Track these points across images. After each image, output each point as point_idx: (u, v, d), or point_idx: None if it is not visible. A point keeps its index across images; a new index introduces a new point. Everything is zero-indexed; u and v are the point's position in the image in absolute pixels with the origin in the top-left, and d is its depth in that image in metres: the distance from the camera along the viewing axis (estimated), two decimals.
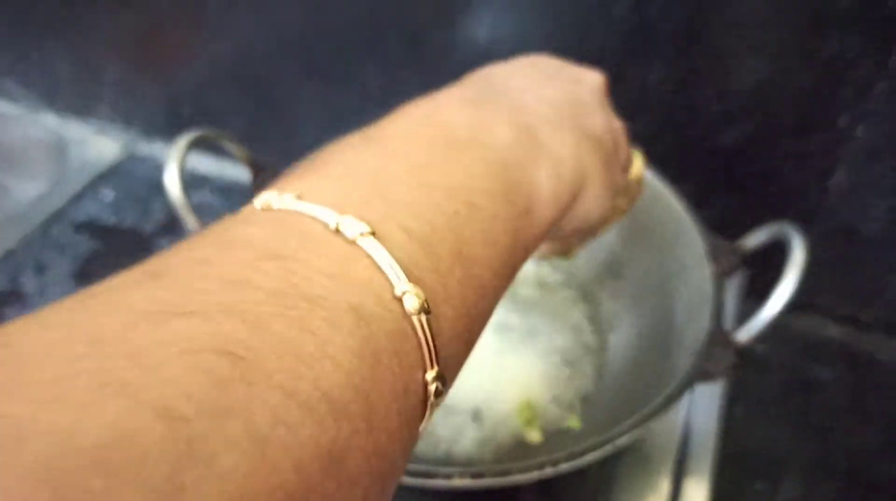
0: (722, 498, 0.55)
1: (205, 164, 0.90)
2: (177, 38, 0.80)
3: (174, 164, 0.48)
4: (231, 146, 0.54)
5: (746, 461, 0.63)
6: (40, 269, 0.78)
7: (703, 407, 0.58)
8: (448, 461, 0.45)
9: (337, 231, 0.20)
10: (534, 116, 0.29)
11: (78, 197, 0.87)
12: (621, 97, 0.66)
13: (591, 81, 0.35)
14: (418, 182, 0.23)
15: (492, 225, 0.24)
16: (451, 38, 0.68)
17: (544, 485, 0.43)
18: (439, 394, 0.21)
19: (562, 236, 0.33)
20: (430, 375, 0.20)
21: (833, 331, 0.73)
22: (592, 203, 0.31)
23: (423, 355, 0.20)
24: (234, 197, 0.87)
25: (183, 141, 0.50)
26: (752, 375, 0.70)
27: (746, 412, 0.66)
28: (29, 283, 0.77)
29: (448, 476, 0.35)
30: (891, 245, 0.65)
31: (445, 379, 0.21)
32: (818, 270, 0.73)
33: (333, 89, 0.77)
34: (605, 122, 0.33)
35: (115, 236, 0.83)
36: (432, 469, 0.35)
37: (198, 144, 0.49)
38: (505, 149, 0.27)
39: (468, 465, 0.45)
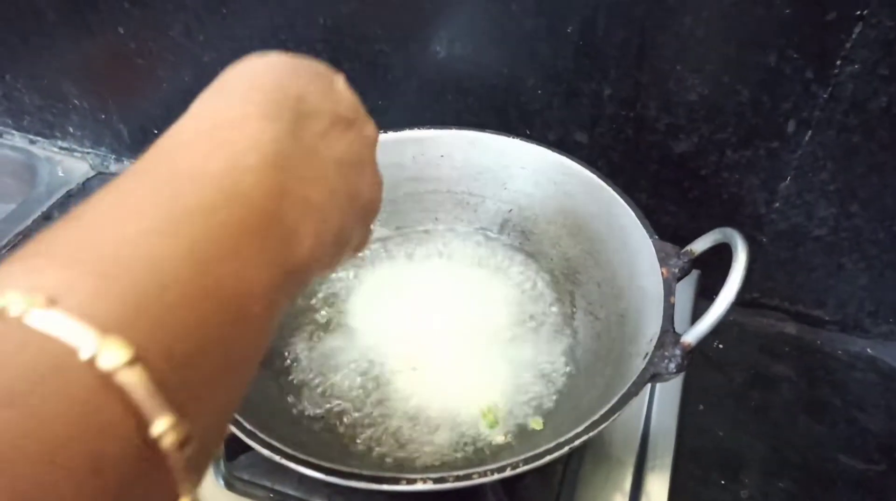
0: (682, 493, 0.57)
1: None
2: (142, 63, 0.82)
3: None
4: None
5: (706, 456, 0.65)
6: None
7: (663, 405, 0.60)
8: (418, 463, 0.47)
9: (91, 363, 0.17)
10: (315, 178, 0.27)
11: (46, 217, 0.88)
12: (577, 111, 0.68)
13: (372, 134, 0.33)
14: (168, 269, 0.20)
15: (244, 293, 0.22)
16: (408, 60, 0.69)
17: (509, 485, 0.44)
18: None
19: None
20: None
21: (789, 328, 0.76)
22: (344, 258, 0.32)
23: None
24: None
25: None
26: (711, 372, 0.72)
27: (706, 408, 0.69)
28: None
29: (411, 482, 0.37)
30: (839, 246, 0.68)
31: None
32: (773, 270, 0.76)
33: None
34: (374, 181, 0.32)
35: None
36: (397, 475, 0.37)
37: None
38: (270, 203, 0.24)
39: (437, 466, 0.46)
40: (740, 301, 0.72)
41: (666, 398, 0.59)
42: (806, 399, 0.70)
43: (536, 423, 0.49)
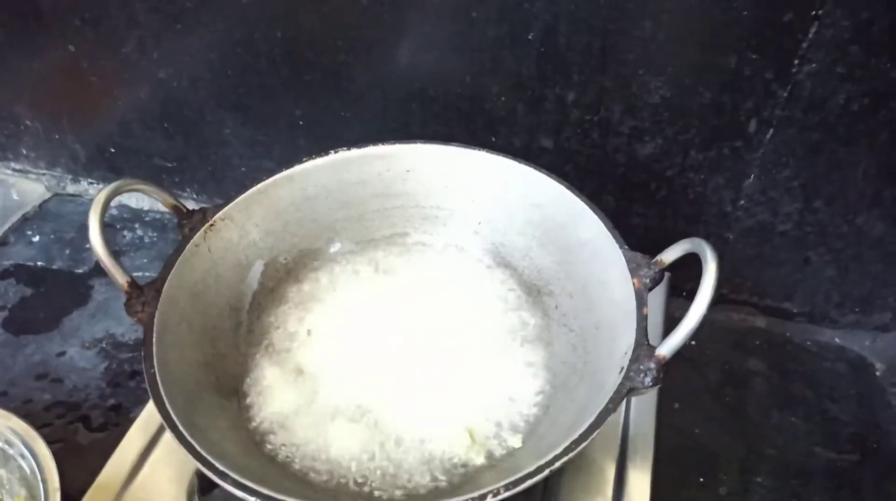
0: (663, 494, 0.58)
1: (135, 198, 0.89)
2: (95, 81, 0.79)
3: (95, 221, 0.48)
4: (154, 193, 0.54)
5: (683, 456, 0.66)
6: None
7: (640, 407, 0.60)
8: (397, 494, 0.46)
9: None
10: None
11: (2, 243, 0.85)
12: (542, 117, 0.68)
13: None
14: None
15: None
16: (371, 70, 0.68)
17: None
18: None
19: None
20: None
21: (759, 322, 0.77)
22: None
23: None
24: (169, 231, 0.87)
25: (105, 192, 0.50)
26: (685, 370, 0.73)
27: (681, 407, 0.69)
28: None
29: None
30: (804, 240, 0.69)
31: None
32: (740, 266, 0.77)
33: (259, 125, 0.77)
34: None
35: (45, 279, 0.82)
36: None
37: (134, 177, 0.48)
38: None
39: (422, 496, 0.46)
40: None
41: (643, 399, 0.60)
42: (779, 393, 0.71)
43: (516, 440, 0.48)
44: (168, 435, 0.56)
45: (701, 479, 0.65)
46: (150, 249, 0.85)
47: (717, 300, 0.78)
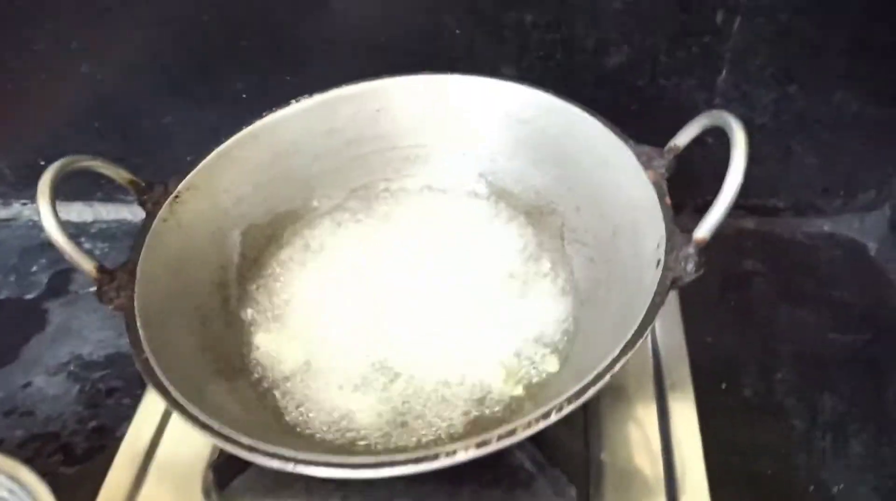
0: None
1: (77, 211, 0.82)
2: (9, 88, 0.72)
3: (47, 208, 0.43)
4: (104, 168, 0.48)
5: (701, 366, 0.64)
6: None
7: (664, 320, 0.58)
8: (443, 435, 0.43)
9: None
10: None
11: None
12: (502, 44, 0.65)
13: None
14: None
15: None
16: (312, 24, 0.64)
17: (535, 438, 0.40)
18: None
19: None
20: None
21: (748, 223, 0.76)
22: None
23: None
24: (119, 240, 0.80)
25: (48, 174, 0.44)
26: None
27: (688, 318, 0.68)
28: None
29: (451, 453, 0.33)
30: (784, 130, 0.68)
31: None
32: (722, 169, 0.75)
33: (204, 105, 0.72)
34: None
35: None
36: (433, 451, 0.33)
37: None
38: None
39: (465, 435, 0.43)
40: (694, 208, 0.72)
41: (665, 311, 0.57)
42: (781, 289, 0.71)
43: (551, 365, 0.45)
44: (171, 434, 0.52)
45: (723, 386, 0.63)
46: (103, 260, 0.78)
47: (701, 209, 0.77)
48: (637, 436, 0.49)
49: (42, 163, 0.79)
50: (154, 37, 0.67)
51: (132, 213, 0.82)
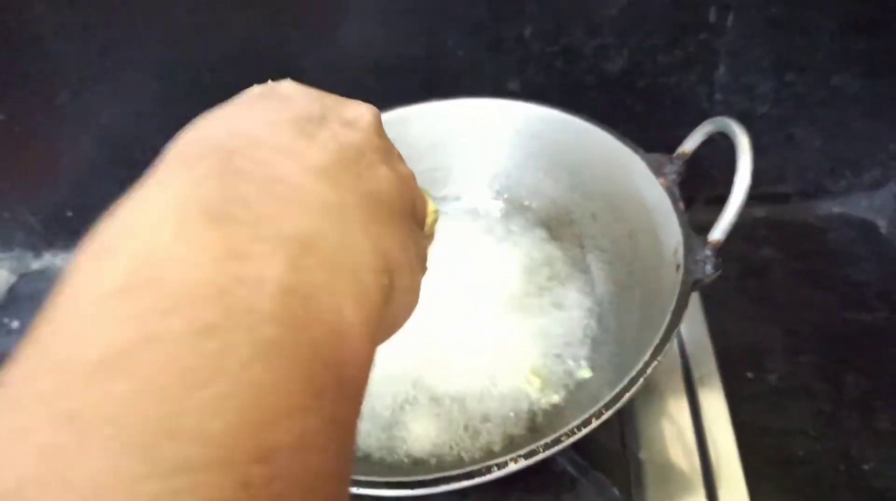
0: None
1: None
2: (35, 143, 0.75)
3: None
4: None
5: (725, 356, 0.65)
6: None
7: (687, 320, 0.59)
8: (483, 448, 0.45)
9: None
10: (309, 211, 0.20)
11: None
12: (503, 58, 0.67)
13: (364, 121, 0.25)
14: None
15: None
16: (320, 54, 0.66)
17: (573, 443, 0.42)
18: None
19: None
20: None
21: (758, 212, 0.77)
22: (405, 296, 0.23)
23: None
24: None
25: None
26: None
27: (709, 309, 0.69)
28: None
29: (502, 466, 0.34)
30: (785, 117, 0.69)
31: None
32: (728, 161, 0.77)
33: None
34: (391, 177, 0.24)
35: None
36: (483, 466, 0.35)
37: None
38: (283, 299, 0.17)
39: (507, 447, 0.44)
40: (705, 201, 0.73)
41: (691, 314, 0.59)
42: (797, 273, 0.72)
43: (584, 372, 0.47)
44: None
45: (749, 374, 0.65)
46: None
47: (712, 201, 0.78)
48: (671, 432, 0.50)
49: (69, 213, 0.82)
50: (164, 82, 0.69)
51: None
